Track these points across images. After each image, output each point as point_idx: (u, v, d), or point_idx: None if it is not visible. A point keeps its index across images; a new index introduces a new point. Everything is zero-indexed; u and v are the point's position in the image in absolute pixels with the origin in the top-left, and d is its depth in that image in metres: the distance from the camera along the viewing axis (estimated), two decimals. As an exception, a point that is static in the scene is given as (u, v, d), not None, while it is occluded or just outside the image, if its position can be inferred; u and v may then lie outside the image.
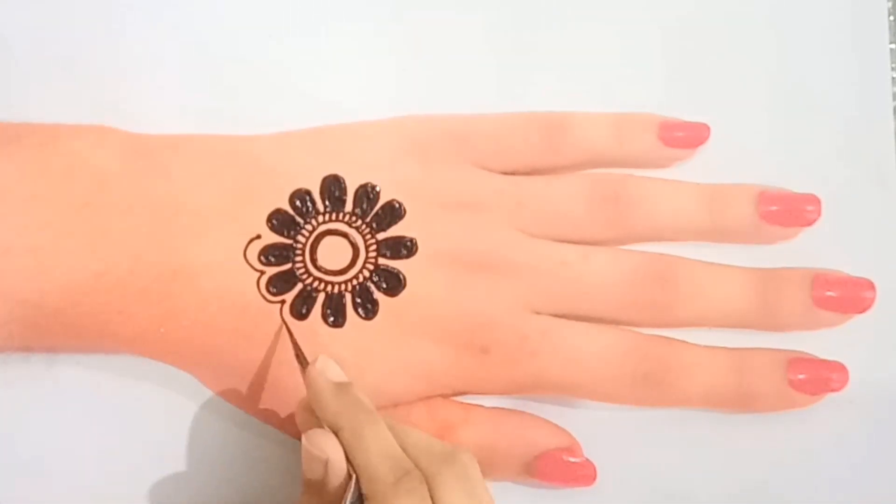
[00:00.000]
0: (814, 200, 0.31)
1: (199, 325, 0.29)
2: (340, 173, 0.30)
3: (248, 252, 0.30)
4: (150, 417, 0.30)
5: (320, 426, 0.26)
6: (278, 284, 0.29)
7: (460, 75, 0.33)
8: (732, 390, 0.30)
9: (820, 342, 0.31)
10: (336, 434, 0.25)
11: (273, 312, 0.29)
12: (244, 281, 0.29)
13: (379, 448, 0.25)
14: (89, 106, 0.31)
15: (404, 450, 0.25)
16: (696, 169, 0.32)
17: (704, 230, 0.32)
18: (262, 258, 0.30)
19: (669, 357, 0.30)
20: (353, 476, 0.25)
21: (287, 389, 0.29)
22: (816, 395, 0.30)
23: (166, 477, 0.30)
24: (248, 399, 0.30)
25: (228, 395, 0.30)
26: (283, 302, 0.29)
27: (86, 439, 0.30)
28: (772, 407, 0.31)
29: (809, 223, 0.31)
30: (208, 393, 0.30)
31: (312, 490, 0.26)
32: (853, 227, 0.32)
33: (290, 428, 0.30)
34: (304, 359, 0.28)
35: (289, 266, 0.30)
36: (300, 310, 0.29)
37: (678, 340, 0.31)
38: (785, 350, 0.31)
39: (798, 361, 0.30)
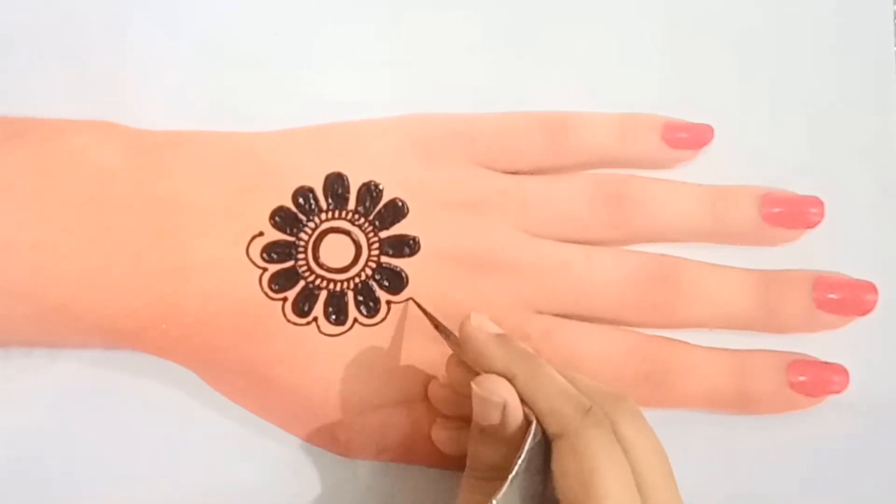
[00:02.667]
0: (817, 203, 0.31)
1: (200, 322, 0.29)
2: (344, 171, 0.30)
3: (250, 249, 0.30)
4: (150, 414, 0.30)
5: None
6: (280, 282, 0.29)
7: (464, 74, 0.33)
8: (733, 391, 0.30)
9: (821, 344, 0.31)
10: (510, 381, 0.25)
11: (275, 310, 0.29)
12: (246, 278, 0.29)
13: (558, 388, 0.25)
14: (92, 102, 0.31)
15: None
16: (700, 170, 0.32)
17: (707, 231, 0.32)
18: (265, 255, 0.30)
19: (670, 358, 0.30)
20: (534, 418, 0.24)
21: (287, 387, 0.29)
22: (817, 397, 0.30)
23: (166, 473, 0.30)
24: (248, 396, 0.30)
25: (229, 392, 0.30)
26: (284, 299, 0.29)
27: (86, 435, 0.30)
28: (772, 408, 0.31)
29: (812, 225, 0.31)
30: (209, 390, 0.30)
31: (485, 438, 0.26)
32: (856, 230, 0.32)
33: (291, 425, 0.30)
34: (445, 327, 0.28)
35: (291, 263, 0.30)
36: (302, 308, 0.29)
37: (679, 341, 0.31)
38: (786, 352, 0.31)
39: (799, 363, 0.30)
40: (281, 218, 0.30)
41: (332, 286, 0.30)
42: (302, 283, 0.30)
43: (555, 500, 0.24)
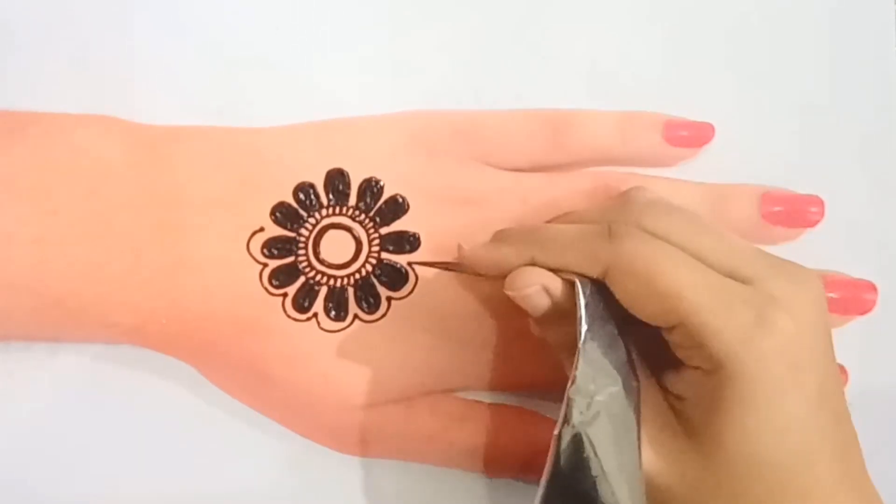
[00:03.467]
0: (817, 202, 0.31)
1: (200, 318, 0.29)
2: (344, 167, 0.30)
3: (250, 245, 0.30)
4: (150, 408, 0.31)
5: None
6: (281, 277, 0.29)
7: (465, 72, 0.33)
8: None
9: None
10: (533, 264, 0.25)
11: (275, 306, 0.29)
12: (246, 273, 0.29)
13: (572, 235, 0.25)
14: (94, 96, 0.31)
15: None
16: (700, 168, 0.32)
17: (708, 230, 0.32)
18: (265, 251, 0.30)
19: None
20: (575, 280, 0.24)
21: (287, 383, 0.29)
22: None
23: (165, 468, 0.30)
24: (248, 391, 0.30)
25: (229, 387, 0.30)
26: (284, 295, 0.29)
27: (86, 429, 0.30)
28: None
29: (812, 224, 0.31)
30: (209, 385, 0.30)
31: (553, 322, 0.26)
32: (856, 230, 0.32)
33: (290, 421, 0.30)
34: (455, 263, 0.28)
35: (291, 259, 0.30)
36: (302, 303, 0.29)
37: None
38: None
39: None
40: (282, 214, 0.30)
41: (332, 282, 0.30)
42: (302, 279, 0.30)
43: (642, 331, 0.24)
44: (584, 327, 0.23)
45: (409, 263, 0.30)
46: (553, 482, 0.22)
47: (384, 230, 0.30)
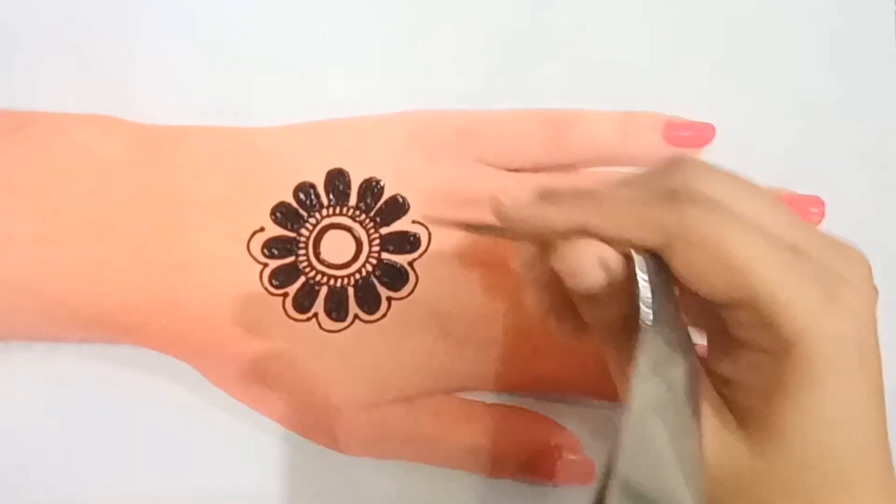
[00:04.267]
0: (817, 202, 0.31)
1: (200, 317, 0.29)
2: (345, 167, 0.30)
3: (251, 244, 0.30)
4: (150, 408, 0.30)
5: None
6: (281, 277, 0.29)
7: (466, 72, 0.33)
8: None
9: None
10: (584, 232, 0.22)
11: (275, 306, 0.29)
12: (247, 273, 0.29)
13: (630, 200, 0.22)
14: (94, 96, 0.31)
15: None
16: (701, 169, 0.32)
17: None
18: (265, 251, 0.30)
19: None
20: (634, 253, 0.22)
21: (287, 383, 0.29)
22: None
23: (165, 468, 0.30)
24: (248, 392, 0.30)
25: (229, 387, 0.30)
26: (285, 295, 0.29)
27: (86, 429, 0.30)
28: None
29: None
30: (209, 385, 0.30)
31: (598, 299, 0.23)
32: (857, 230, 0.32)
33: (290, 421, 0.30)
34: (481, 223, 0.25)
35: (292, 259, 0.30)
36: (302, 303, 0.29)
37: None
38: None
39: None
40: (282, 213, 0.30)
41: (332, 282, 0.30)
42: (302, 279, 0.30)
43: (701, 305, 0.22)
44: (647, 306, 0.21)
45: (428, 218, 0.28)
46: (613, 471, 0.20)
47: (384, 230, 0.30)
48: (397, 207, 0.30)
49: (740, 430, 0.22)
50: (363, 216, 0.30)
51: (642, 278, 0.21)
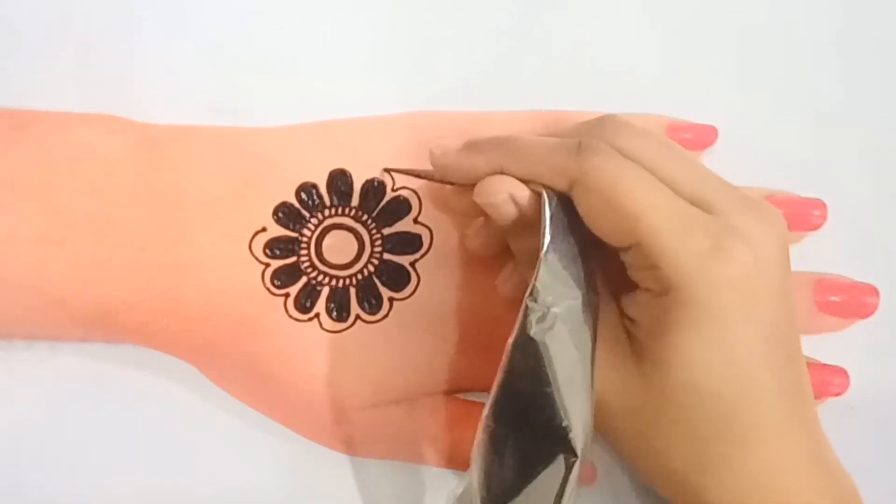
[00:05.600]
0: (819, 205, 0.31)
1: (202, 317, 0.29)
2: (347, 168, 0.30)
3: (253, 244, 0.30)
4: (151, 408, 0.30)
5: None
6: (283, 277, 0.29)
7: (469, 73, 0.33)
8: None
9: (821, 346, 0.31)
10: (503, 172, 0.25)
11: (277, 306, 0.29)
12: (249, 273, 0.29)
13: (543, 148, 0.24)
14: (98, 96, 0.31)
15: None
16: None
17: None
18: (267, 251, 0.30)
19: None
20: (542, 191, 0.24)
21: (288, 383, 0.29)
22: (817, 399, 0.30)
23: (166, 467, 0.30)
24: (249, 392, 0.30)
25: (230, 387, 0.30)
26: (286, 295, 0.29)
27: (87, 428, 0.30)
28: None
29: (814, 227, 0.31)
30: (209, 385, 0.30)
31: (518, 232, 0.26)
32: (858, 232, 0.32)
33: (292, 421, 0.30)
34: (426, 171, 0.28)
35: (294, 259, 0.30)
36: (304, 303, 0.29)
37: None
38: None
39: None
40: (284, 214, 0.30)
41: (334, 282, 0.30)
42: (304, 280, 0.30)
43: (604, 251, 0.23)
44: (547, 238, 0.23)
45: (386, 170, 0.30)
46: (504, 390, 0.22)
47: (386, 231, 0.30)
48: (399, 208, 0.30)
49: (637, 367, 0.24)
50: (365, 216, 0.30)
51: (544, 214, 0.23)
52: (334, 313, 0.29)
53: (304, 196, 0.30)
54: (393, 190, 0.31)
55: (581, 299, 0.23)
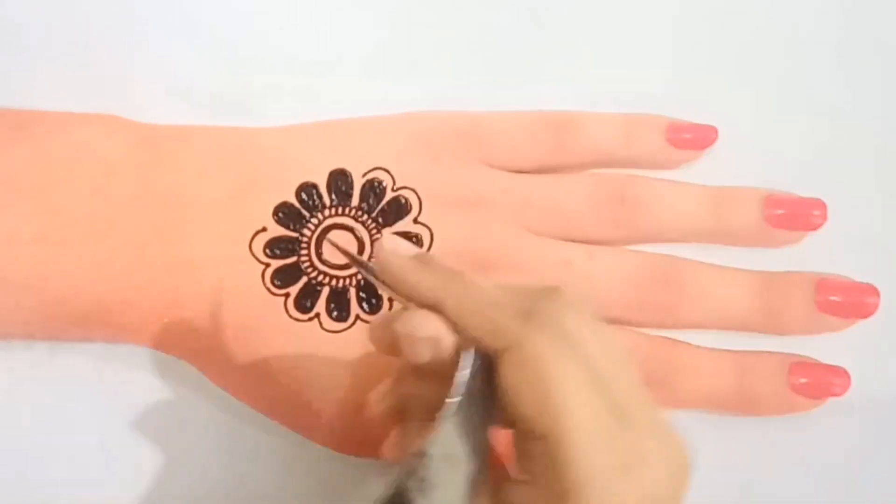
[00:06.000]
0: (820, 205, 0.31)
1: (202, 317, 0.29)
2: (347, 168, 0.30)
3: (253, 244, 0.29)
4: (151, 407, 0.30)
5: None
6: (283, 277, 0.29)
7: (469, 73, 0.33)
8: (734, 393, 0.30)
9: (822, 346, 0.31)
10: (436, 310, 0.23)
11: (277, 306, 0.29)
12: (249, 273, 0.29)
13: (492, 300, 0.23)
14: (98, 96, 0.31)
15: None
16: (703, 171, 0.33)
17: (709, 232, 0.32)
18: (268, 251, 0.30)
19: (672, 358, 0.30)
20: (464, 348, 0.22)
21: (288, 383, 0.29)
22: (818, 400, 0.30)
23: (166, 467, 0.30)
24: (249, 392, 0.30)
25: (230, 387, 0.30)
26: (287, 295, 0.29)
27: (86, 428, 0.30)
28: (773, 410, 0.31)
29: (815, 227, 0.31)
30: (209, 385, 0.30)
31: (422, 376, 0.24)
32: (858, 232, 0.32)
33: (292, 421, 0.30)
34: (362, 260, 0.26)
35: (294, 259, 0.30)
36: (304, 303, 0.29)
37: (681, 342, 0.31)
38: (787, 354, 0.31)
39: (800, 365, 0.30)
40: (284, 214, 0.30)
41: (334, 282, 0.30)
42: (304, 280, 0.30)
43: (509, 422, 0.22)
44: (454, 401, 0.22)
45: (325, 239, 0.29)
46: None
47: (386, 231, 0.30)
48: (399, 208, 0.30)
49: None
50: (365, 216, 0.30)
51: (462, 373, 0.22)
52: (334, 313, 0.29)
53: (304, 196, 0.30)
54: (393, 190, 0.31)
55: (466, 472, 0.22)
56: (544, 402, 0.21)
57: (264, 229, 0.30)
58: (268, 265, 0.29)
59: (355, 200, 0.30)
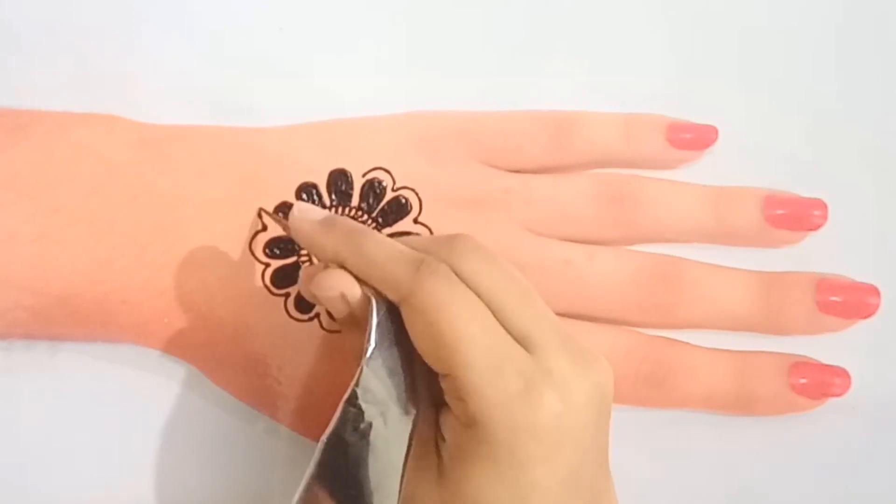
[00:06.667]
0: (820, 205, 0.31)
1: (202, 317, 0.29)
2: (347, 168, 0.30)
3: (253, 244, 0.29)
4: (151, 407, 0.30)
5: None
6: (283, 277, 0.29)
7: (469, 73, 0.33)
8: (733, 393, 0.30)
9: (822, 347, 0.31)
10: (345, 267, 0.25)
11: (277, 306, 0.29)
12: (249, 273, 0.29)
13: (387, 253, 0.24)
14: (97, 96, 0.31)
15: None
16: (703, 171, 0.32)
17: (710, 232, 0.32)
18: (268, 251, 0.30)
19: (671, 358, 0.30)
20: (372, 298, 0.24)
21: (289, 383, 0.29)
22: (818, 400, 0.30)
23: (166, 467, 0.30)
24: (249, 391, 0.30)
25: (230, 386, 0.30)
26: (287, 295, 0.29)
27: (87, 428, 0.30)
28: (773, 410, 0.31)
29: (815, 228, 0.32)
30: (209, 384, 0.30)
31: (348, 327, 0.26)
32: (858, 232, 0.32)
33: (292, 421, 0.30)
34: (284, 221, 0.28)
35: (294, 259, 0.30)
36: (304, 303, 0.29)
37: (681, 342, 0.31)
38: (787, 354, 0.31)
39: (800, 365, 0.30)
40: (284, 214, 0.30)
41: (334, 282, 0.30)
42: (305, 279, 0.30)
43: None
44: (372, 345, 0.23)
45: (261, 210, 0.30)
46: (312, 484, 0.22)
47: (387, 231, 0.30)
48: (400, 208, 0.30)
49: (436, 485, 0.24)
50: (366, 217, 0.30)
51: (371, 321, 0.24)
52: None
53: (304, 196, 0.30)
54: (393, 190, 0.31)
55: (399, 410, 0.23)
56: (438, 346, 0.23)
57: (264, 229, 0.30)
58: (268, 265, 0.29)
59: (355, 200, 0.30)
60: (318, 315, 0.29)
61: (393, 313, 0.24)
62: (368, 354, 0.23)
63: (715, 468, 0.31)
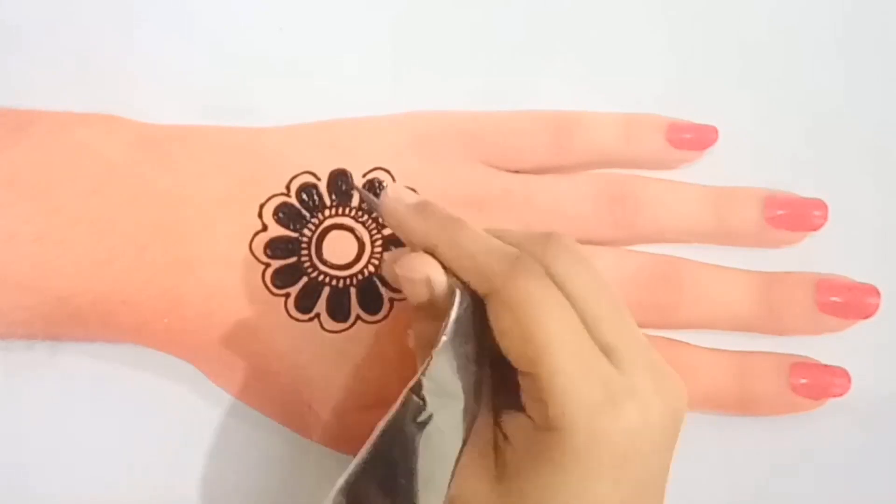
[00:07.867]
0: (820, 205, 0.31)
1: (202, 317, 0.29)
2: (348, 167, 0.30)
3: (253, 244, 0.29)
4: (151, 407, 0.30)
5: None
6: (283, 277, 0.29)
7: (469, 73, 0.33)
8: (734, 393, 0.30)
9: (823, 347, 0.31)
10: (433, 253, 0.24)
11: (277, 306, 0.29)
12: (249, 273, 0.29)
13: (482, 245, 0.24)
14: (97, 96, 0.31)
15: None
16: (703, 171, 0.33)
17: (710, 233, 0.32)
18: (268, 251, 0.30)
19: (672, 359, 0.30)
20: (457, 290, 0.23)
21: (289, 383, 0.29)
22: (818, 400, 0.30)
23: (166, 467, 0.30)
24: (249, 392, 0.30)
25: (230, 386, 0.30)
26: (287, 295, 0.29)
27: (87, 428, 0.30)
28: (773, 410, 0.31)
29: (815, 228, 0.32)
30: (209, 384, 0.30)
31: (422, 315, 0.25)
32: (859, 233, 0.32)
33: (292, 421, 0.30)
34: (373, 199, 0.27)
35: (294, 259, 0.30)
36: (304, 304, 0.29)
37: (681, 342, 0.31)
38: (787, 354, 0.31)
39: (800, 366, 0.30)
40: (284, 214, 0.30)
41: (334, 283, 0.30)
42: (305, 280, 0.30)
43: (502, 361, 0.23)
44: (445, 338, 0.23)
45: (353, 185, 0.30)
46: (362, 471, 0.22)
47: (387, 231, 0.30)
48: (400, 208, 0.30)
49: (495, 482, 0.23)
50: (366, 217, 0.30)
51: (451, 313, 0.23)
52: (335, 314, 0.29)
53: (304, 196, 0.30)
54: (393, 190, 0.31)
55: (462, 406, 0.23)
56: (526, 345, 0.22)
57: (264, 229, 0.30)
58: (268, 265, 0.29)
59: (355, 200, 0.30)
60: (318, 315, 0.29)
61: (474, 307, 0.24)
62: (440, 346, 0.23)
63: (715, 468, 0.31)
